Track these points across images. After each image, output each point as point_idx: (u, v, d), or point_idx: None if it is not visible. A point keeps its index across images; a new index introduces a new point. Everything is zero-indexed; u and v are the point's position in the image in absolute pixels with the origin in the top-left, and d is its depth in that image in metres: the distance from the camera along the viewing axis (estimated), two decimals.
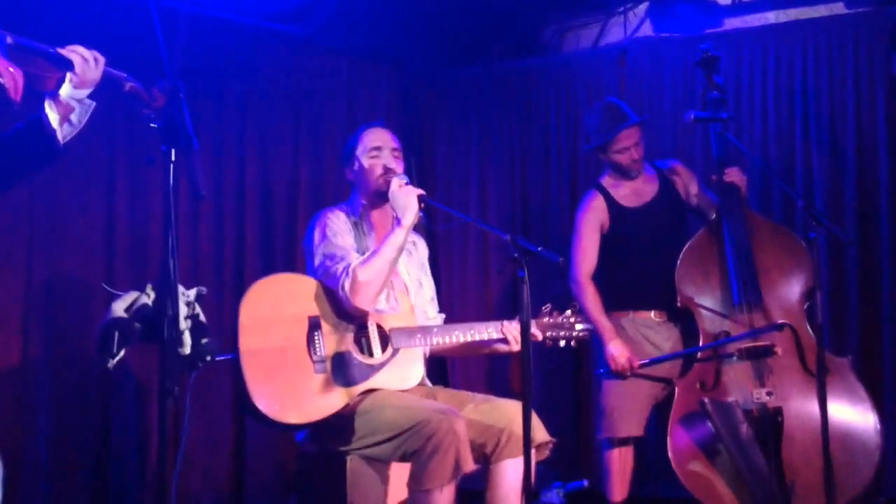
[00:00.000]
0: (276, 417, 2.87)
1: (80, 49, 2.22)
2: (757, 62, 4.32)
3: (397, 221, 2.98)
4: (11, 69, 2.08)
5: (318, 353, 2.92)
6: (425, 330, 3.05)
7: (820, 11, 4.38)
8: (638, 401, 3.68)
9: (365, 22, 4.54)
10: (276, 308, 2.96)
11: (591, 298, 3.70)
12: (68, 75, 2.23)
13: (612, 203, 3.78)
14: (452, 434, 2.73)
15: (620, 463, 3.72)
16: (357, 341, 2.99)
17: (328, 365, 2.93)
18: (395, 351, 2.99)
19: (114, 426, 3.76)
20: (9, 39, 2.17)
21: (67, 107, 2.26)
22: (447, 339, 3.06)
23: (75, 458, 3.66)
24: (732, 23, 4.55)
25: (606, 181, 3.83)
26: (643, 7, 4.75)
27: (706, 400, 3.40)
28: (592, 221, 3.77)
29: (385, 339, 3.01)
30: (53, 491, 3.58)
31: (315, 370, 2.91)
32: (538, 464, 2.96)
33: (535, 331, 3.05)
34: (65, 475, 3.62)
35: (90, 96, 2.30)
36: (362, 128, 3.25)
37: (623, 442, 3.71)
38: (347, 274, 2.92)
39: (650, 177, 3.84)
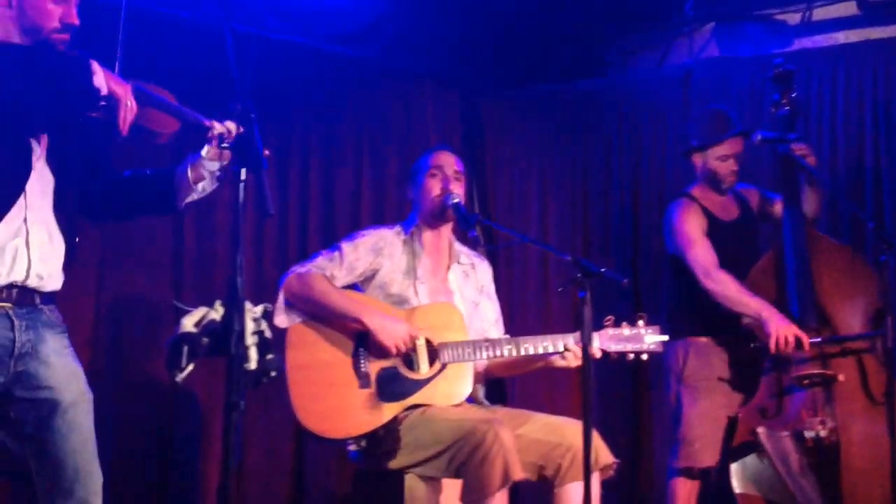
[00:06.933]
0: (318, 431, 2.93)
1: (231, 126, 2.29)
2: (826, 82, 4.24)
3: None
4: (129, 102, 2.14)
5: (363, 369, 2.95)
6: (475, 344, 3.01)
7: (891, 32, 4.29)
8: (720, 429, 3.51)
9: (425, 44, 4.57)
10: (324, 324, 3.00)
11: (731, 284, 3.45)
12: (207, 147, 2.33)
13: (707, 212, 3.67)
14: (498, 442, 2.72)
15: (692, 493, 3.57)
16: (405, 356, 2.99)
17: (373, 380, 2.95)
18: (444, 366, 2.97)
19: (176, 438, 3.82)
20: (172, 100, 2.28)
21: (200, 175, 2.36)
22: (498, 353, 3.00)
23: (137, 471, 3.71)
24: (802, 43, 4.47)
25: (696, 192, 3.72)
26: (709, 27, 4.69)
27: (760, 430, 3.33)
28: (696, 223, 3.61)
29: (434, 354, 2.99)
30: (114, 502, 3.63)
31: (359, 385, 2.94)
32: (603, 482, 2.91)
33: (595, 349, 2.93)
34: (126, 487, 3.65)
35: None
36: (429, 150, 3.29)
37: (703, 472, 3.56)
38: (313, 270, 3.02)
39: (731, 197, 3.76)
